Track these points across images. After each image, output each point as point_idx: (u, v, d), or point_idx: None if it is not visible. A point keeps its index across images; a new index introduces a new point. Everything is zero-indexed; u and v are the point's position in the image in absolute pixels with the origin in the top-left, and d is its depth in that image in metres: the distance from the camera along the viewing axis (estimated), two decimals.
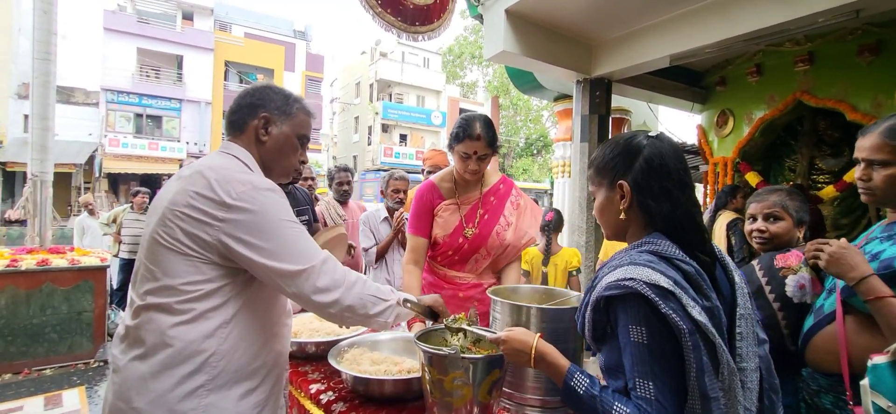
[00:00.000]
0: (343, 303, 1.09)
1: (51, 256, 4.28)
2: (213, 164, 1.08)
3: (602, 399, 0.86)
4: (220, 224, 1.01)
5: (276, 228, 1.04)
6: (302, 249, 1.07)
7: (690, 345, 0.79)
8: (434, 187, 2.01)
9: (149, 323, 1.02)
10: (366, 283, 1.15)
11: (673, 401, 0.80)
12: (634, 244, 0.95)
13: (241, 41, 22.43)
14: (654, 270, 0.84)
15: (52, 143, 4.68)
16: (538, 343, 1.00)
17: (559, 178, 6.35)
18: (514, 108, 24.08)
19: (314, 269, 1.06)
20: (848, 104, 3.83)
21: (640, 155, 0.94)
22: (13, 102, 17.60)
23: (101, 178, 18.25)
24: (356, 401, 1.32)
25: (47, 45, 4.54)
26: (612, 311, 0.89)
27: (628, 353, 0.85)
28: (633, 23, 3.92)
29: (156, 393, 0.99)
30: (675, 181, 0.93)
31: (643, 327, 0.83)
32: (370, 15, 3.67)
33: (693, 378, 0.79)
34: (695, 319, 0.80)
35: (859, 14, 2.83)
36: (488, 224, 1.94)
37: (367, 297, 1.13)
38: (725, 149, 4.93)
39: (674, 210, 0.92)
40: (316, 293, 1.06)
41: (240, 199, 1.02)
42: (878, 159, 1.23)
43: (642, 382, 0.82)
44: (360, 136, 26.92)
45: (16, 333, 3.95)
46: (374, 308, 1.14)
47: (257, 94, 1.20)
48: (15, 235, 11.85)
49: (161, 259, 1.03)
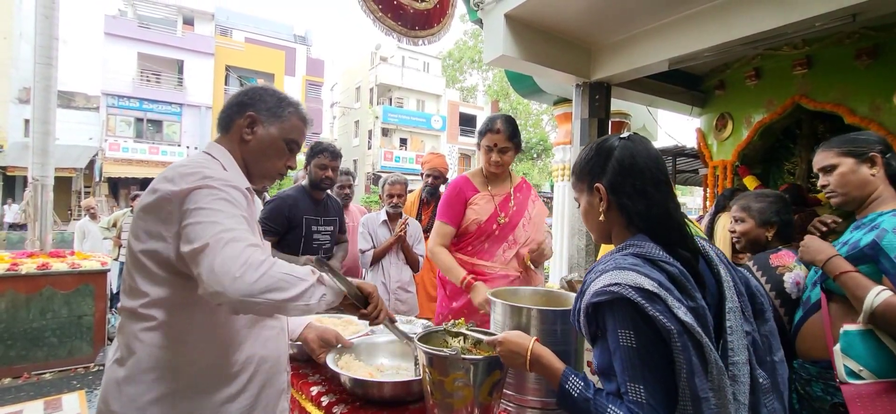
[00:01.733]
0: (244, 286, 0.88)
1: (51, 260, 4.28)
2: (180, 162, 1.08)
3: (596, 402, 0.87)
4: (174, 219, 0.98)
5: (204, 212, 0.96)
6: (208, 227, 0.93)
7: (679, 346, 0.80)
8: (468, 180, 2.19)
9: (123, 328, 1.04)
10: (275, 263, 0.95)
11: (664, 402, 0.81)
12: (619, 247, 0.96)
13: (242, 46, 22.51)
14: (638, 273, 0.85)
15: (53, 147, 4.70)
16: (534, 346, 1.00)
17: (559, 181, 6.35)
18: (513, 111, 24.12)
19: (210, 248, 0.90)
20: (846, 107, 3.84)
21: (612, 156, 0.97)
22: (14, 107, 17.66)
23: (102, 182, 18.27)
24: (357, 403, 1.32)
25: (49, 50, 4.56)
26: (600, 316, 0.89)
27: (618, 357, 0.85)
28: (633, 27, 3.94)
29: (128, 397, 0.99)
30: (648, 179, 0.94)
31: (631, 331, 0.83)
32: (371, 19, 3.69)
33: (683, 379, 0.80)
34: (681, 319, 0.81)
35: (856, 18, 2.85)
36: (517, 214, 2.14)
37: (278, 276, 0.93)
38: (725, 152, 4.94)
39: (649, 208, 0.94)
40: (210, 276, 0.89)
41: (183, 183, 0.99)
42: (827, 165, 1.46)
43: (633, 385, 0.83)
44: (360, 141, 26.95)
45: (16, 337, 3.95)
46: (289, 291, 0.94)
47: (249, 94, 1.20)
48: (15, 239, 11.85)
49: (131, 263, 1.04)
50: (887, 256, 1.22)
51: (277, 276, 0.93)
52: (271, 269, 0.93)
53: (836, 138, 1.46)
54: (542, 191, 23.59)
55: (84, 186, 17.86)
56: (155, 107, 19.84)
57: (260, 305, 0.91)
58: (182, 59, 20.64)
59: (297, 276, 0.97)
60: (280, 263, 0.97)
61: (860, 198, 1.41)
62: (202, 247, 0.91)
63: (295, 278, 0.97)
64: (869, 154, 1.38)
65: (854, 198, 1.42)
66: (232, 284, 0.88)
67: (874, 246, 1.25)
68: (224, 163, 1.13)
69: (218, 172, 1.05)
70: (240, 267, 0.89)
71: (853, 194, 1.41)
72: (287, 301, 0.94)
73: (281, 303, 0.94)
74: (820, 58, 4.07)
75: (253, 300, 0.90)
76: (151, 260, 1.01)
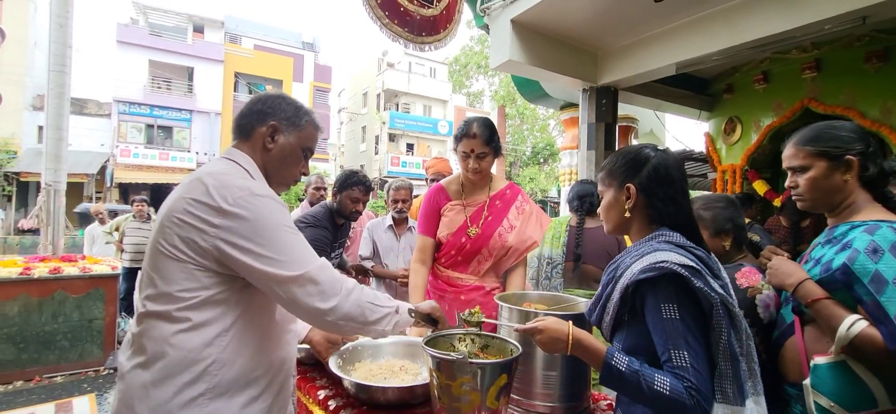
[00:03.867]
0: (339, 311, 1.06)
1: (63, 265, 4.33)
2: (213, 170, 1.09)
3: (644, 374, 0.93)
4: (216, 230, 1.01)
5: (272, 234, 1.03)
6: (298, 254, 1.05)
7: (721, 313, 0.93)
8: (442, 189, 2.09)
9: (150, 330, 1.03)
10: (363, 290, 1.13)
11: (706, 367, 0.92)
12: (650, 236, 1.07)
13: (251, 53, 22.74)
14: (678, 254, 0.97)
15: (66, 152, 4.77)
16: (574, 330, 1.04)
17: (566, 186, 6.34)
18: (520, 117, 24.13)
19: (308, 274, 1.04)
20: (856, 111, 3.81)
21: (649, 163, 1.09)
22: (28, 114, 17.98)
23: (113, 187, 18.50)
24: (364, 407, 1.32)
25: (62, 58, 4.65)
26: (639, 295, 0.99)
27: (660, 330, 0.95)
28: (640, 31, 3.94)
29: (157, 401, 0.99)
30: (678, 189, 1.08)
31: (675, 304, 0.94)
32: (378, 26, 3.72)
33: (723, 342, 0.93)
34: (718, 292, 0.94)
35: (866, 21, 2.83)
36: (491, 226, 1.99)
37: (364, 304, 1.11)
38: (734, 156, 4.91)
39: (678, 214, 1.07)
40: (310, 299, 1.04)
41: (236, 205, 1.02)
42: (797, 166, 1.29)
43: (677, 352, 0.92)
44: (367, 146, 27.07)
45: (28, 340, 4.00)
46: (372, 315, 1.12)
47: (268, 102, 1.22)
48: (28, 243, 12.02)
49: (160, 266, 1.03)
50: (860, 283, 1.11)
51: (364, 303, 1.11)
52: (361, 295, 1.11)
53: (809, 130, 1.28)
54: (549, 196, 23.52)
55: (96, 192, 18.10)
56: (165, 113, 20.08)
57: (346, 328, 1.11)
58: (192, 66, 20.91)
59: (378, 304, 1.14)
60: (366, 290, 1.13)
61: (831, 204, 1.28)
62: (297, 275, 1.03)
63: (377, 306, 1.14)
64: (845, 158, 1.22)
65: (824, 204, 1.29)
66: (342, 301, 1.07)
67: (846, 271, 1.13)
68: (250, 171, 1.15)
69: (262, 188, 1.09)
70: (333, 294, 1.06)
71: (823, 201, 1.28)
72: (371, 323, 1.13)
73: (364, 328, 1.13)
74: (829, 61, 4.04)
75: (344, 323, 1.08)
76: (191, 266, 1.02)
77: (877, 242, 1.11)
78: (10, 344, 3.92)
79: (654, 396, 0.91)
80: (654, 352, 0.97)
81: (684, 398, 0.88)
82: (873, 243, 1.12)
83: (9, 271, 3.97)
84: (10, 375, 3.91)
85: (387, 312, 1.16)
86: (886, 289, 1.07)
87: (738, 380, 0.93)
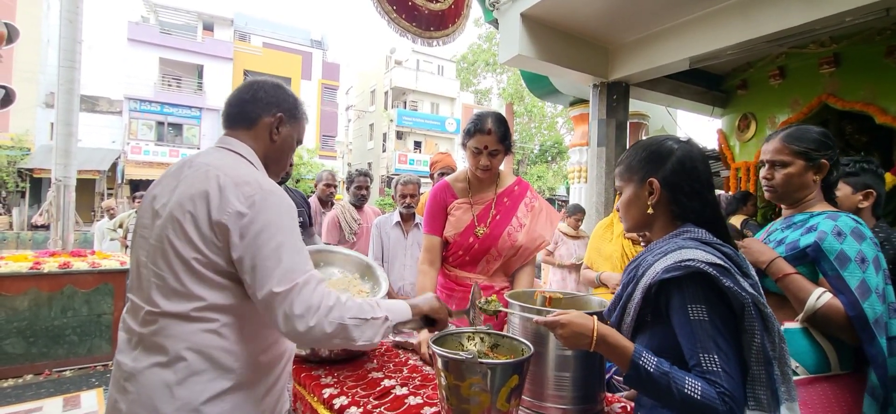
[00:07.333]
0: (317, 331, 0.98)
1: (72, 259, 4.36)
2: (219, 165, 1.05)
3: (674, 376, 0.87)
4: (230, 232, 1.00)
5: (267, 240, 0.99)
6: (285, 266, 0.99)
7: (753, 314, 0.87)
8: (448, 187, 2.00)
9: (167, 330, 1.00)
10: (345, 304, 1.03)
11: (737, 372, 0.86)
12: (674, 233, 1.02)
13: (260, 51, 22.89)
14: (704, 252, 0.91)
15: (76, 148, 4.80)
16: (599, 326, 0.98)
17: (575, 183, 6.26)
18: (528, 114, 23.99)
19: (290, 292, 0.97)
20: (877, 107, 3.70)
21: (672, 156, 1.03)
22: (41, 111, 18.25)
23: (124, 184, 18.72)
24: (370, 406, 1.29)
25: (72, 54, 4.68)
26: (664, 295, 0.93)
27: (687, 332, 0.89)
28: (652, 25, 3.86)
29: (183, 400, 0.98)
30: (704, 183, 1.02)
31: (702, 305, 0.88)
32: (385, 20, 3.69)
33: (756, 345, 0.87)
34: (750, 291, 0.88)
35: (890, 12, 2.74)
36: (500, 224, 1.90)
37: (347, 321, 1.02)
38: (747, 153, 4.81)
39: (704, 208, 1.01)
40: (286, 320, 0.97)
41: (246, 203, 1.00)
42: (779, 160, 1.43)
43: (707, 356, 0.86)
44: (374, 143, 27.13)
45: (37, 334, 4.03)
46: (355, 332, 1.03)
47: (272, 92, 1.19)
48: (41, 239, 12.20)
49: (173, 265, 1.00)
50: (827, 259, 1.28)
51: (347, 320, 1.03)
52: (343, 311, 1.02)
53: (795, 130, 1.44)
54: (558, 194, 23.39)
55: (107, 188, 18.33)
56: (175, 111, 20.28)
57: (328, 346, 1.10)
58: (202, 63, 21.08)
59: (361, 317, 1.05)
60: (350, 303, 1.05)
61: (795, 198, 1.44)
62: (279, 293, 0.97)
63: (361, 320, 1.05)
64: (820, 161, 1.39)
65: (790, 197, 1.45)
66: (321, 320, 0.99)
67: (816, 248, 1.30)
68: (253, 162, 1.13)
69: (270, 184, 1.06)
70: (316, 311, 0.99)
71: (791, 195, 1.44)
72: (354, 340, 1.05)
73: (352, 342, 1.05)
74: (849, 56, 3.93)
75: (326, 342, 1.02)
76: (208, 268, 1.00)
77: (840, 227, 1.30)
78: (21, 338, 3.95)
79: (683, 401, 0.84)
80: (678, 355, 0.91)
81: (717, 404, 0.82)
82: (837, 227, 1.30)
83: (19, 266, 4.01)
84: (19, 369, 3.94)
85: (373, 323, 1.07)
86: (848, 265, 1.26)
87: (772, 385, 0.87)
